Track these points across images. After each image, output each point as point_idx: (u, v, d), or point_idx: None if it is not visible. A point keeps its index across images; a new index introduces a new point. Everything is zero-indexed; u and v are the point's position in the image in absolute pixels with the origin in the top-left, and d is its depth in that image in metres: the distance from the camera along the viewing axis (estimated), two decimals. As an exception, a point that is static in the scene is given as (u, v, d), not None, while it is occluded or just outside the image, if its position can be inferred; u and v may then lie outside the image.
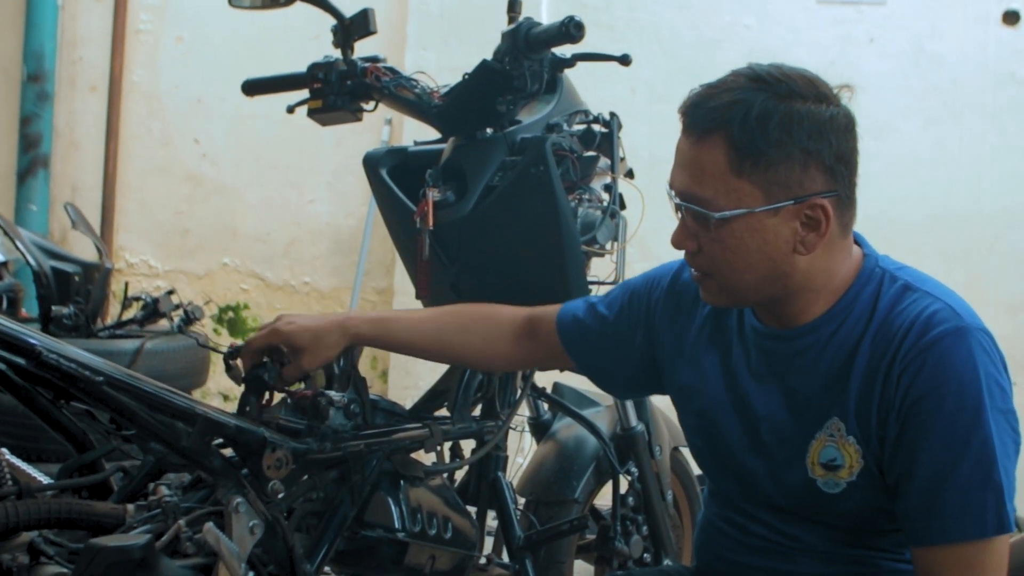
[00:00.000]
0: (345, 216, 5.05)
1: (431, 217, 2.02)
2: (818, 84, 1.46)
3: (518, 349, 1.87)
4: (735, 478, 1.62)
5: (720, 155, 1.42)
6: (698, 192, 1.45)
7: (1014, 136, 4.55)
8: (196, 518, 1.63)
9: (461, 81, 2.07)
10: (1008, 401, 1.42)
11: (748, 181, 1.42)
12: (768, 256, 1.45)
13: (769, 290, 1.49)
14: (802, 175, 1.42)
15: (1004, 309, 4.55)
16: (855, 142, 1.48)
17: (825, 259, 1.48)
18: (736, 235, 1.44)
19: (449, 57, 4.47)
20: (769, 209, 1.43)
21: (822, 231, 1.44)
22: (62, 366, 1.52)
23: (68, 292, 3.71)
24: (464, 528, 2.02)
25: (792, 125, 1.40)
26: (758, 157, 1.41)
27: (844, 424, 1.47)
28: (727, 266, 1.47)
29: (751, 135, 1.40)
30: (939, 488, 1.38)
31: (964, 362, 1.39)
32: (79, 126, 5.26)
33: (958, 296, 1.48)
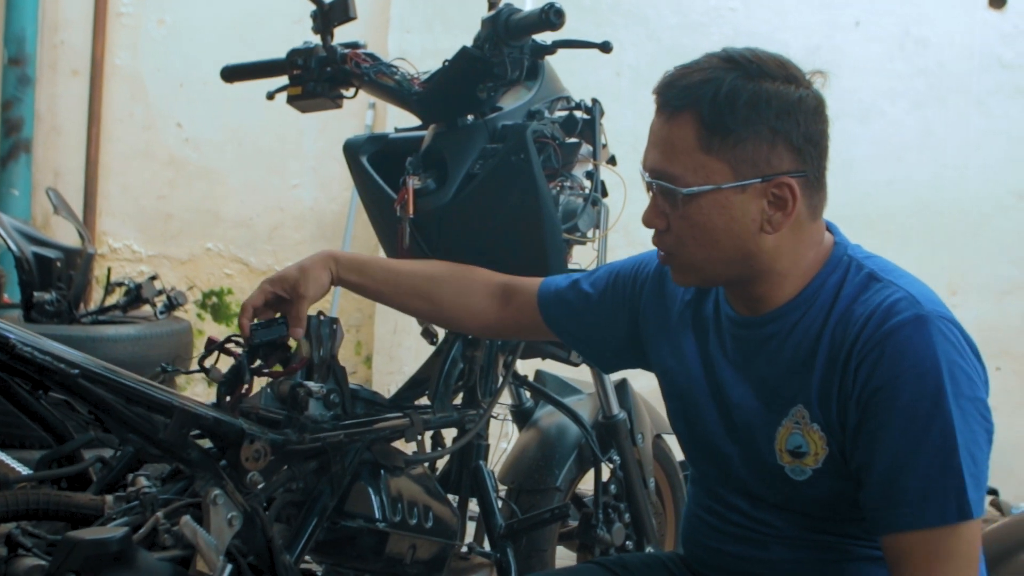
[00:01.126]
0: (329, 201, 5.03)
1: (411, 205, 2.01)
2: (789, 67, 1.48)
3: (490, 310, 1.89)
4: (713, 463, 1.63)
5: (690, 132, 1.45)
6: (668, 169, 1.48)
7: (1000, 120, 4.55)
8: (174, 510, 1.63)
9: (441, 68, 2.05)
10: (976, 389, 1.40)
11: (716, 158, 1.45)
12: (735, 234, 1.47)
13: (735, 270, 1.51)
14: (770, 153, 1.44)
15: (990, 294, 4.56)
16: (825, 125, 1.50)
17: (792, 241, 1.49)
18: (703, 212, 1.46)
19: (433, 40, 4.45)
20: (736, 186, 1.45)
21: (788, 210, 1.46)
22: (36, 359, 1.51)
23: (50, 278, 3.70)
24: (445, 517, 2.02)
25: (760, 104, 1.43)
26: (726, 134, 1.44)
27: (808, 412, 1.48)
28: (694, 243, 1.49)
29: (720, 113, 1.43)
30: (898, 476, 1.38)
31: (923, 350, 1.39)
32: (61, 110, 5.23)
33: (924, 285, 1.48)
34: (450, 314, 1.94)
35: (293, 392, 1.78)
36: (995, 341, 4.58)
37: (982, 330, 4.58)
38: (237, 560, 1.65)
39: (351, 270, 1.90)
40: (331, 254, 1.89)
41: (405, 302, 1.94)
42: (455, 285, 1.92)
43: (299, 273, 1.84)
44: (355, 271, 1.90)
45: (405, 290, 1.91)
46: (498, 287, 1.90)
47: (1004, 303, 4.56)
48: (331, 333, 1.89)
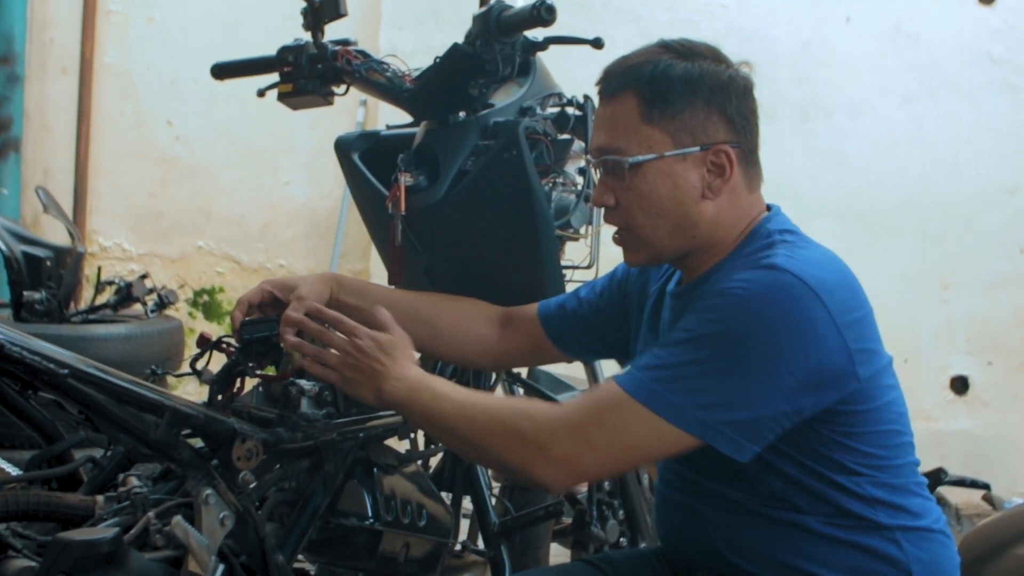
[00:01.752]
0: (321, 198, 5.02)
1: (403, 202, 2.00)
2: (718, 52, 1.61)
3: (490, 337, 1.94)
4: None
5: (632, 108, 1.56)
6: (613, 143, 1.58)
7: (990, 115, 4.56)
8: (166, 510, 1.62)
9: (432, 65, 2.04)
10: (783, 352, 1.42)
11: (658, 128, 1.55)
12: (678, 201, 1.56)
13: (680, 241, 1.59)
14: (706, 123, 1.56)
15: (981, 288, 4.57)
16: (754, 105, 1.61)
17: (730, 210, 1.59)
18: (648, 181, 1.56)
19: (425, 37, 4.44)
20: (678, 154, 1.55)
21: (727, 176, 1.56)
22: (26, 359, 1.50)
23: (40, 277, 3.67)
24: (439, 515, 2.01)
25: (694, 78, 1.55)
26: (665, 106, 1.55)
27: None
28: (641, 214, 1.57)
29: (658, 87, 1.55)
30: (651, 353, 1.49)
31: (745, 289, 1.45)
32: (50, 109, 5.20)
33: (819, 259, 1.51)
34: (451, 341, 1.96)
35: (285, 391, 1.78)
36: (987, 336, 4.59)
37: (973, 324, 4.60)
38: (229, 560, 1.65)
39: (351, 293, 1.94)
40: (335, 275, 1.97)
41: (404, 327, 1.93)
42: (455, 311, 1.96)
43: (300, 280, 1.89)
44: (355, 294, 1.94)
45: (405, 315, 1.90)
46: (497, 313, 1.97)
47: (996, 298, 4.57)
48: None
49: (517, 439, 1.48)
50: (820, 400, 1.45)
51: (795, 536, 1.53)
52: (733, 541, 1.58)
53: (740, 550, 1.57)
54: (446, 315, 1.95)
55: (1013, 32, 4.55)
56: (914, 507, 1.55)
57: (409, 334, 1.94)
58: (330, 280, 1.92)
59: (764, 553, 1.55)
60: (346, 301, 1.93)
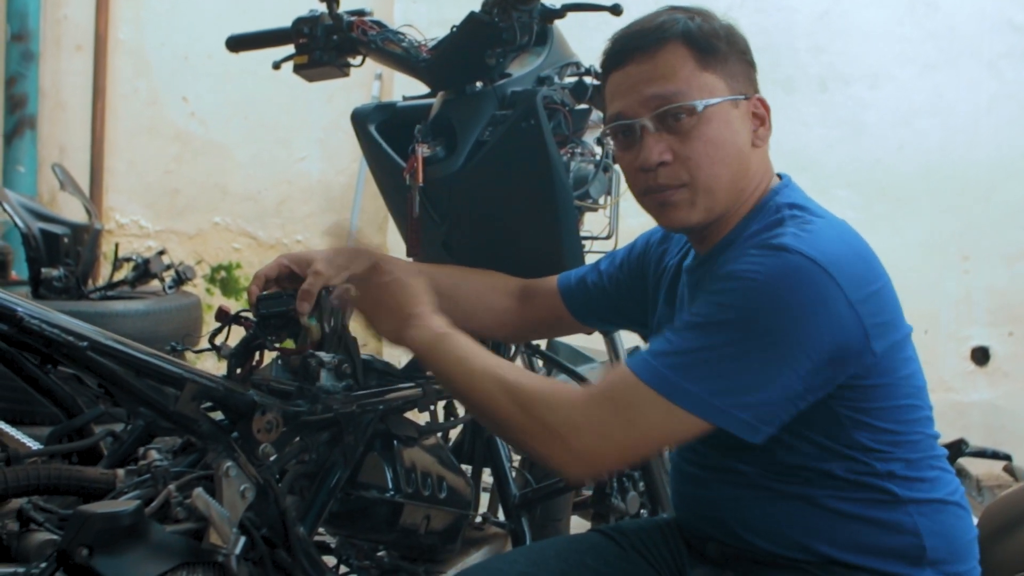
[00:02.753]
0: (336, 173, 5.01)
1: (420, 173, 1.98)
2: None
3: (511, 309, 1.94)
4: None
5: (684, 54, 1.54)
6: (673, 90, 1.53)
7: (1011, 83, 4.52)
8: (186, 483, 1.61)
9: (449, 34, 2.02)
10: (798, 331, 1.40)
11: (714, 74, 1.54)
12: (738, 148, 1.55)
13: (733, 194, 1.57)
14: (746, 74, 1.58)
15: (1000, 259, 4.54)
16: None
17: (761, 163, 1.60)
18: (714, 127, 1.53)
19: (439, 9, 4.41)
20: (733, 100, 1.55)
21: (768, 125, 1.59)
22: (45, 331, 1.50)
23: (58, 254, 3.69)
24: (459, 487, 2.01)
25: (732, 31, 1.58)
26: (715, 52, 1.54)
27: None
28: (708, 162, 1.54)
29: (706, 36, 1.54)
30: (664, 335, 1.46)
31: (754, 269, 1.42)
32: (65, 86, 5.20)
33: (831, 234, 1.48)
34: (471, 314, 1.93)
35: (305, 363, 1.77)
36: (1007, 307, 4.56)
37: (993, 295, 4.57)
38: (250, 532, 1.64)
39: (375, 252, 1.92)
40: (366, 249, 1.94)
41: None
42: (475, 284, 1.95)
43: (317, 254, 1.87)
44: (379, 255, 1.91)
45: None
46: (517, 286, 1.96)
47: (1016, 268, 4.54)
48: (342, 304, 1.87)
49: (539, 426, 1.47)
50: (835, 376, 1.43)
51: (806, 511, 1.52)
52: (743, 515, 1.57)
53: (750, 524, 1.56)
54: (466, 288, 1.94)
55: (1034, -1, 4.50)
56: (929, 479, 1.53)
57: None
58: (356, 245, 1.91)
59: (774, 528, 1.54)
60: None
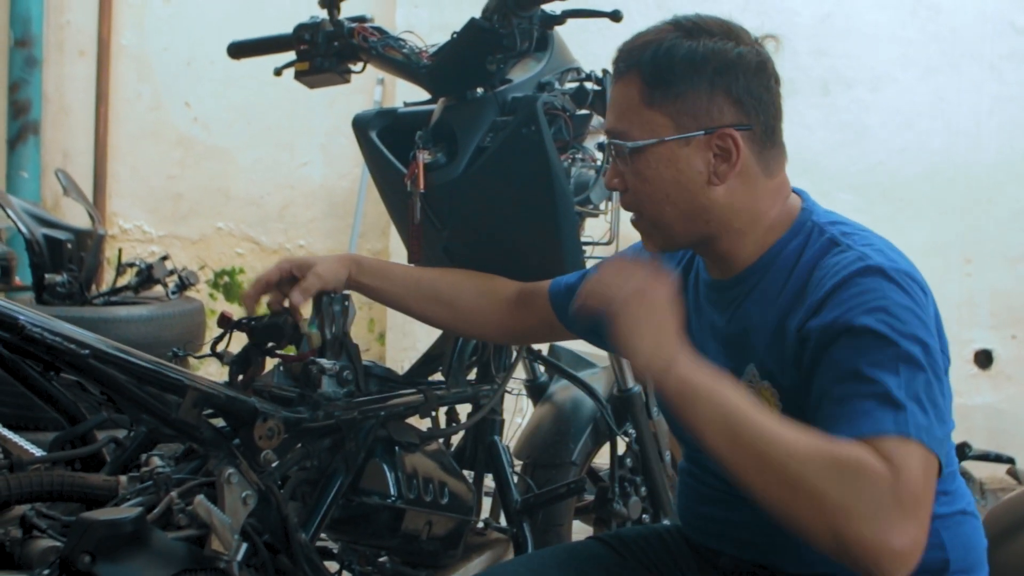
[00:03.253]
0: (339, 178, 5.01)
1: (421, 180, 1.99)
2: (732, 27, 1.53)
3: (508, 315, 1.93)
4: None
5: (634, 90, 1.51)
6: (618, 127, 1.54)
7: (1013, 85, 4.51)
8: (188, 489, 1.62)
9: (449, 40, 2.03)
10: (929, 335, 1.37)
11: (659, 112, 1.49)
12: (683, 187, 1.50)
13: (694, 228, 1.53)
14: (710, 106, 1.49)
15: (1004, 261, 4.53)
16: (769, 82, 1.53)
17: (747, 197, 1.52)
18: (651, 166, 1.51)
19: (441, 14, 4.41)
20: (680, 139, 1.49)
21: (733, 161, 1.49)
22: (47, 340, 1.50)
23: (61, 260, 3.69)
24: (461, 493, 2.01)
25: (697, 58, 1.48)
26: (667, 88, 1.48)
27: (758, 371, 1.51)
28: (647, 199, 1.53)
29: (659, 68, 1.49)
30: (841, 398, 1.34)
31: (872, 292, 1.38)
32: (68, 91, 5.21)
33: (889, 248, 1.47)
34: (470, 319, 1.96)
35: (306, 370, 1.78)
36: (1010, 310, 4.56)
37: (996, 298, 4.56)
38: (252, 539, 1.65)
39: (371, 274, 1.93)
40: (354, 257, 1.95)
41: (424, 308, 1.97)
42: (474, 290, 1.95)
43: (318, 260, 1.89)
44: (375, 275, 1.94)
45: (425, 295, 1.94)
46: (515, 292, 1.95)
47: (1019, 270, 4.53)
48: (343, 310, 1.88)
49: (849, 521, 1.24)
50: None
51: None
52: (772, 539, 1.54)
53: (779, 547, 1.54)
54: (465, 294, 1.95)
55: (1036, 1, 4.49)
56: (951, 492, 1.52)
57: (429, 313, 1.96)
58: (349, 262, 1.92)
59: (804, 552, 1.48)
60: (366, 283, 1.93)
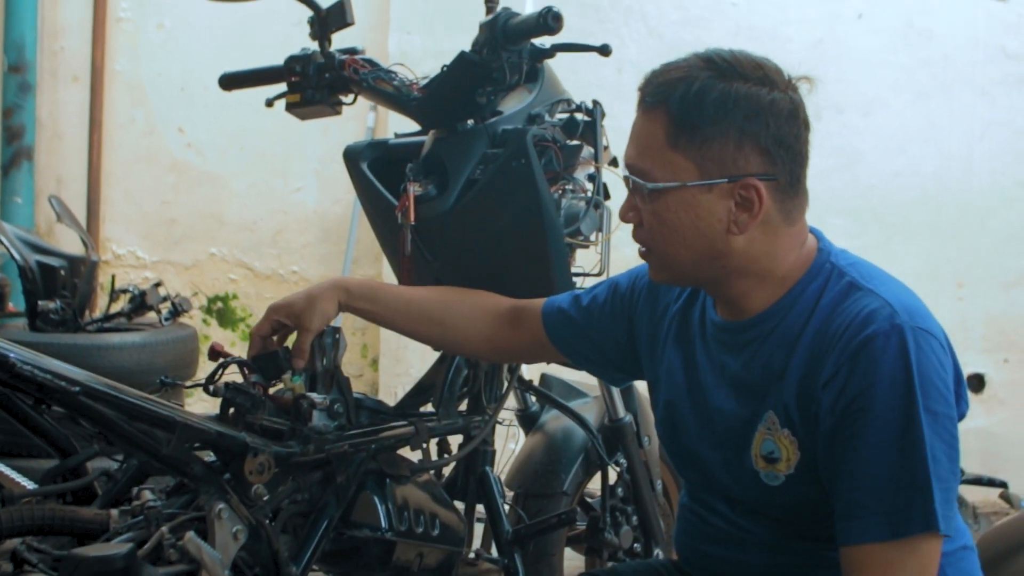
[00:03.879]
0: (332, 204, 5.02)
1: (412, 212, 2.00)
2: (767, 69, 1.48)
3: (500, 334, 1.91)
4: (696, 468, 1.64)
5: (659, 128, 1.47)
6: (639, 163, 1.50)
7: (1005, 110, 4.53)
8: (179, 524, 1.62)
9: (440, 73, 2.04)
10: (947, 406, 1.39)
11: (683, 155, 1.45)
12: (701, 233, 1.47)
13: (707, 269, 1.51)
14: (736, 154, 1.44)
15: (996, 286, 4.54)
16: (799, 130, 1.49)
17: (766, 243, 1.49)
18: (671, 209, 1.47)
19: (434, 41, 4.42)
20: (702, 185, 1.45)
21: (755, 212, 1.46)
22: (37, 377, 1.50)
23: (54, 286, 3.68)
24: (452, 524, 2.01)
25: (728, 103, 1.43)
26: (693, 132, 1.44)
27: (778, 418, 1.48)
28: (663, 240, 1.50)
29: (688, 110, 1.44)
30: (866, 486, 1.37)
31: (896, 360, 1.37)
32: (62, 117, 5.21)
33: (908, 293, 1.46)
34: (461, 339, 1.94)
35: (297, 403, 1.78)
36: (1003, 333, 4.57)
37: (989, 322, 4.58)
38: (243, 573, 1.65)
39: (361, 298, 1.91)
40: (342, 284, 1.91)
41: (416, 328, 1.95)
42: (466, 310, 1.93)
43: (305, 302, 1.85)
44: (365, 299, 1.91)
45: (416, 316, 1.93)
46: (507, 311, 1.92)
47: (1011, 295, 4.55)
48: (333, 343, 1.89)
49: None
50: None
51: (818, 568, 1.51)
52: (753, 569, 1.56)
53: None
54: (456, 314, 1.93)
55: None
56: (955, 528, 1.50)
57: (421, 333, 1.96)
58: (337, 292, 1.89)
59: None
60: (356, 306, 1.91)
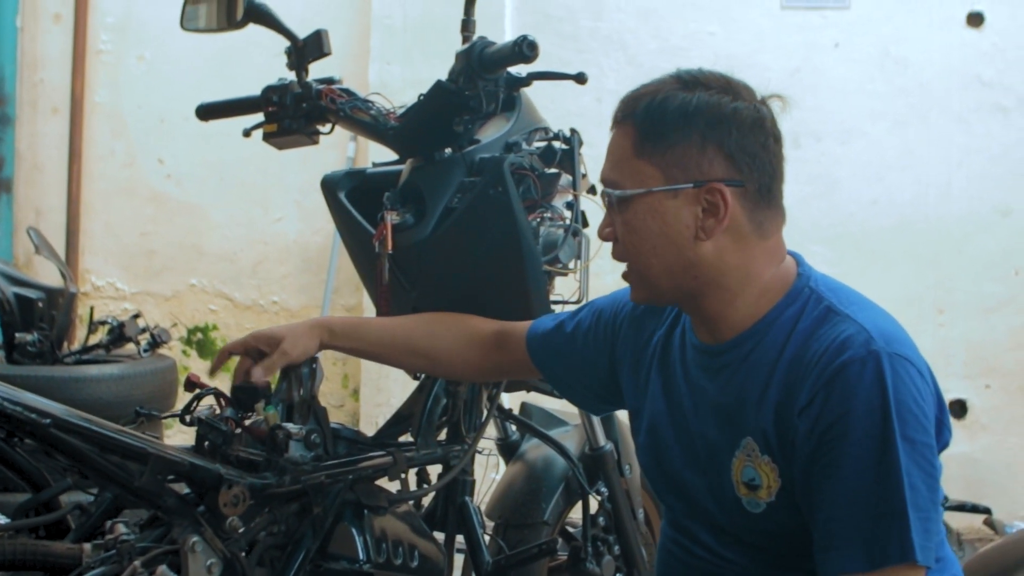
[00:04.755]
0: (312, 234, 5.01)
1: (390, 241, 1.99)
2: (732, 82, 1.52)
3: (485, 358, 1.93)
4: (679, 496, 1.63)
5: (627, 140, 1.51)
6: (611, 176, 1.54)
7: (981, 138, 4.56)
8: (152, 558, 1.60)
9: (416, 102, 2.04)
10: (925, 433, 1.38)
11: (649, 162, 1.49)
12: (670, 240, 1.50)
13: (681, 282, 1.52)
14: (700, 159, 1.47)
15: (977, 311, 4.56)
16: (766, 140, 1.51)
17: (737, 254, 1.50)
18: (639, 216, 1.50)
19: (414, 70, 4.44)
20: (668, 190, 1.48)
21: (720, 217, 1.47)
22: (7, 410, 1.49)
23: (32, 318, 3.66)
24: (431, 555, 1.99)
25: (690, 110, 1.47)
26: (657, 140, 1.48)
27: (757, 444, 1.47)
28: (634, 250, 1.53)
29: (652, 119, 1.49)
30: (842, 516, 1.37)
31: (871, 388, 1.36)
32: (41, 148, 5.20)
33: (887, 319, 1.46)
34: (448, 367, 1.97)
35: (272, 434, 1.76)
36: (983, 359, 4.58)
37: (970, 348, 4.59)
38: (218, 607, 1.63)
39: (344, 337, 1.93)
40: (325, 323, 1.94)
41: (402, 360, 1.98)
42: (450, 337, 1.94)
43: (287, 335, 1.87)
44: (349, 338, 1.94)
45: (401, 349, 1.95)
46: (492, 335, 1.93)
47: (991, 320, 4.56)
48: (311, 373, 1.87)
49: None
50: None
51: None
52: None
53: None
54: (441, 343, 1.94)
55: (1002, 54, 4.56)
56: (942, 558, 1.50)
57: (407, 364, 1.98)
58: (319, 330, 1.90)
59: None
60: (340, 345, 1.93)
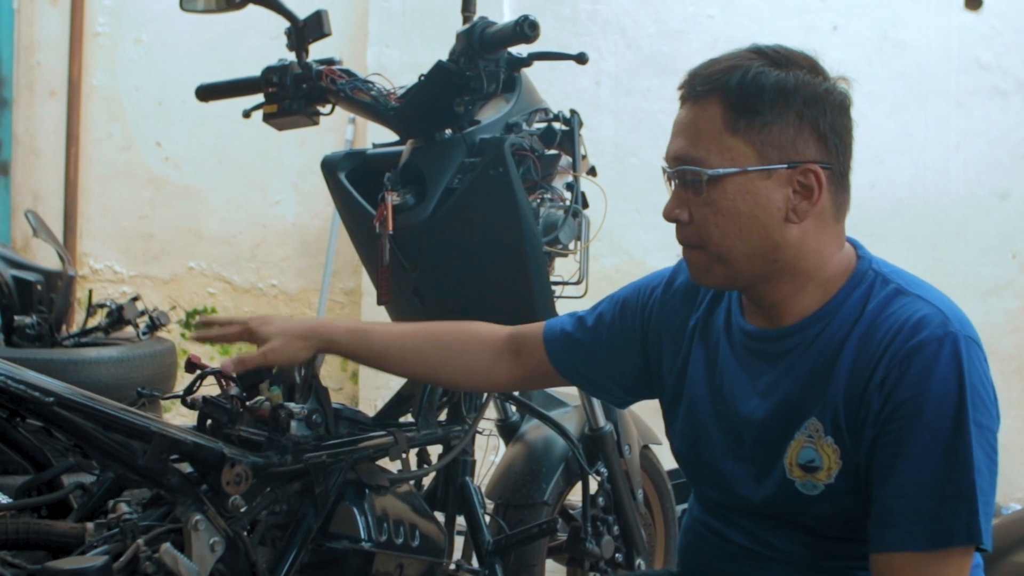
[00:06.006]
0: (311, 217, 5.01)
1: (391, 221, 1.99)
2: (815, 62, 1.47)
3: (500, 366, 1.82)
4: (716, 482, 1.59)
5: (716, 114, 1.43)
6: (692, 152, 1.44)
7: (979, 121, 4.56)
8: (155, 537, 1.61)
9: (417, 83, 2.04)
10: (990, 418, 1.37)
11: (742, 140, 1.42)
12: (760, 222, 1.43)
13: (759, 265, 1.46)
14: (796, 139, 1.42)
15: (973, 295, 4.56)
16: (850, 123, 1.47)
17: (817, 238, 1.46)
18: (728, 196, 1.43)
19: (412, 54, 4.44)
20: (762, 170, 1.42)
21: (814, 199, 1.43)
22: (10, 388, 1.49)
23: (31, 301, 3.66)
24: (432, 535, 2.00)
25: (787, 88, 1.41)
26: (753, 116, 1.41)
27: (822, 425, 1.45)
28: (718, 232, 1.44)
29: (747, 94, 1.41)
30: (906, 495, 1.36)
31: (949, 369, 1.35)
32: (39, 132, 5.19)
33: (950, 302, 1.44)
34: (461, 378, 1.87)
35: (274, 414, 1.76)
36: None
37: (967, 331, 4.60)
38: (221, 585, 1.64)
39: (347, 346, 1.84)
40: (326, 332, 1.84)
41: (413, 371, 1.89)
42: (462, 348, 1.83)
43: (280, 335, 1.80)
44: (352, 347, 1.85)
45: (411, 361, 1.85)
46: (506, 341, 1.82)
47: (988, 303, 4.57)
48: None
49: None
50: None
51: None
52: None
53: None
54: (455, 355, 1.83)
55: (1000, 37, 4.55)
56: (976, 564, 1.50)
57: (419, 375, 1.91)
58: (317, 340, 1.82)
59: None
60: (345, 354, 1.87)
